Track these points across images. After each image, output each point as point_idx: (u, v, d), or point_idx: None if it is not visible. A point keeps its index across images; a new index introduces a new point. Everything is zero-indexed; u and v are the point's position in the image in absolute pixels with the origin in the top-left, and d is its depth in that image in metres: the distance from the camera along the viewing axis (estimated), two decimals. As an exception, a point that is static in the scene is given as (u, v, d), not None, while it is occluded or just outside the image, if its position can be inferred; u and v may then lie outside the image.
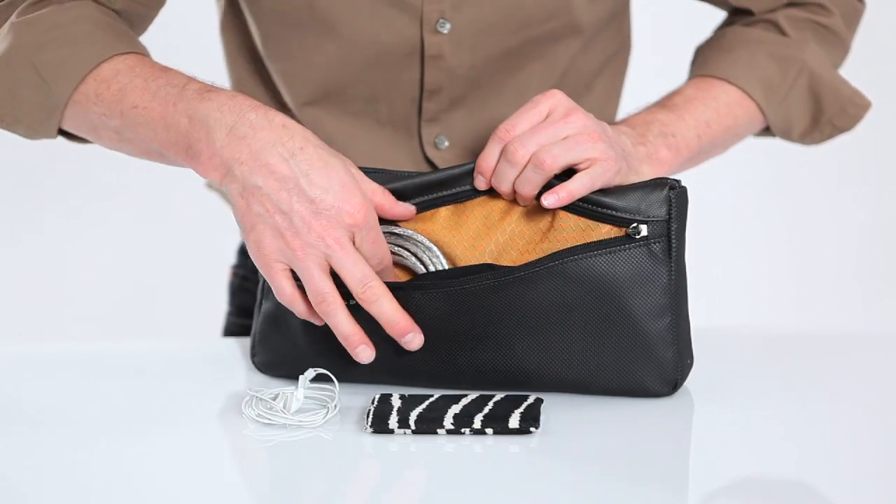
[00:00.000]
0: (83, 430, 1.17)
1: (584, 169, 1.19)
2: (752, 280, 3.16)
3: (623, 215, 1.17)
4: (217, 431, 1.15)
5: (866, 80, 1.50)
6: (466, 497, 1.02)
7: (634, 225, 1.17)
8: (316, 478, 1.07)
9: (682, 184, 1.18)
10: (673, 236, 1.17)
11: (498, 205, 1.22)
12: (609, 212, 1.18)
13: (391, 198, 1.20)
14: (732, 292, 3.10)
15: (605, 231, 1.18)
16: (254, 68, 1.45)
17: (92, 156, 2.96)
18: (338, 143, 1.41)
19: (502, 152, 1.20)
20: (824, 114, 1.43)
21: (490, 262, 1.20)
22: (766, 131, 1.47)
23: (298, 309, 1.19)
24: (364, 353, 1.17)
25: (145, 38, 1.37)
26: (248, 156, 1.16)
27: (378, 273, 1.18)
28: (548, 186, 1.19)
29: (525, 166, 1.19)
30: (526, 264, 1.18)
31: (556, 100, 1.21)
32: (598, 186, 1.19)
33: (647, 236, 1.17)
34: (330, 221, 1.15)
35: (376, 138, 1.43)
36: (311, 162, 1.16)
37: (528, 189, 1.19)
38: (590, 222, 1.18)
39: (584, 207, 1.18)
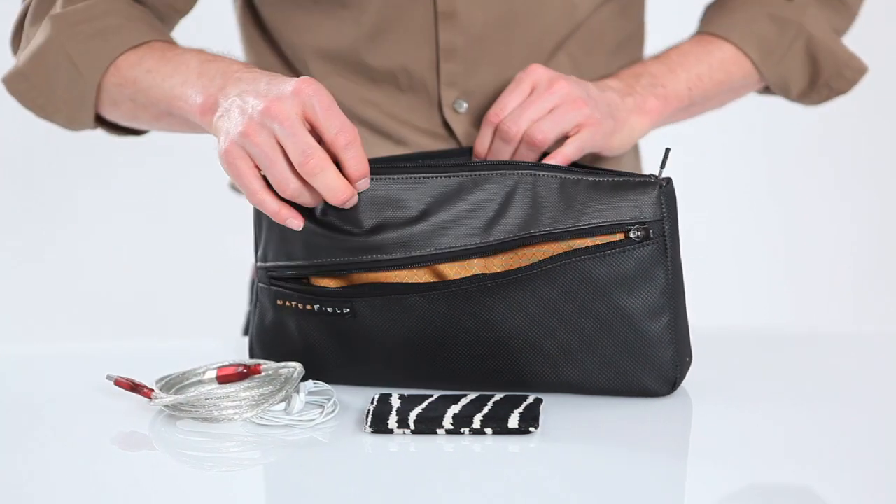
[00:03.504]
0: (82, 428, 1.17)
1: (573, 135, 1.30)
2: (750, 279, 3.16)
3: (618, 221, 1.17)
4: (216, 431, 1.15)
5: (865, 80, 1.51)
6: (466, 497, 1.02)
7: (636, 228, 1.17)
8: (315, 478, 1.07)
9: (669, 180, 1.18)
10: (667, 235, 1.17)
11: None
12: (604, 224, 1.17)
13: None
14: (731, 292, 3.10)
15: (601, 236, 1.18)
16: (266, 38, 1.48)
17: (118, 157, 2.95)
18: (357, 105, 1.44)
19: (495, 132, 1.31)
20: (821, 76, 1.48)
21: (479, 268, 1.19)
22: (768, 90, 1.51)
23: (269, 206, 1.17)
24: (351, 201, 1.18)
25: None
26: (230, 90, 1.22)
27: (343, 147, 1.16)
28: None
29: (519, 143, 1.30)
30: (524, 266, 1.18)
31: (537, 74, 1.32)
32: (587, 150, 1.31)
33: (643, 238, 1.17)
34: (277, 99, 1.15)
35: (396, 101, 1.44)
36: (269, 80, 1.19)
37: None
38: None
39: (580, 229, 1.18)
